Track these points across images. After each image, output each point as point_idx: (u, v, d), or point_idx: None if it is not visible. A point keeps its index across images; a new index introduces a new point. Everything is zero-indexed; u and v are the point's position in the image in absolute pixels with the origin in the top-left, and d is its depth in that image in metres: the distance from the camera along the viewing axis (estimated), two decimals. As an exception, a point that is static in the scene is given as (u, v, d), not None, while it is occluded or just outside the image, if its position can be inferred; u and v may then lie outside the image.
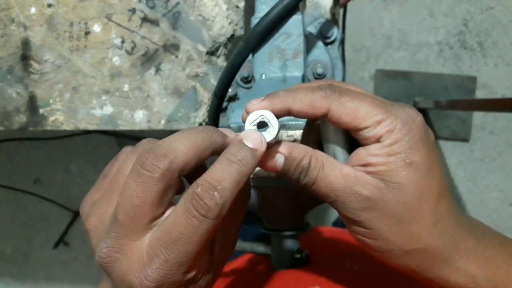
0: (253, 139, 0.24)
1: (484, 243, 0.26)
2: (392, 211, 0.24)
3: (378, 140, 0.24)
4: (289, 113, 0.26)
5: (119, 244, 0.22)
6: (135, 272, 0.22)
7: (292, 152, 0.25)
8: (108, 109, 0.53)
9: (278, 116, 0.25)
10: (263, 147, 0.24)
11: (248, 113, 0.26)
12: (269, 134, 0.25)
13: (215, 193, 0.22)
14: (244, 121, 0.26)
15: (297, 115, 0.26)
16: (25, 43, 0.53)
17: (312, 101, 0.25)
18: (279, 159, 0.25)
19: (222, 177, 0.22)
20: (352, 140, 0.27)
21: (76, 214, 1.45)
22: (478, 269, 0.25)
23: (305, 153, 0.25)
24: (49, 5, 0.52)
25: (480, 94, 1.33)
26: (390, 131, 0.24)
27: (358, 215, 0.25)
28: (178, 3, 0.51)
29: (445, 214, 0.25)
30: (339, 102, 0.25)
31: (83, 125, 0.53)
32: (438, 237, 0.25)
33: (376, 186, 0.24)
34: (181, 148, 0.23)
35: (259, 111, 0.25)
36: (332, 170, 0.25)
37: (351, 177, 0.25)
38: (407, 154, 0.24)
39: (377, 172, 0.24)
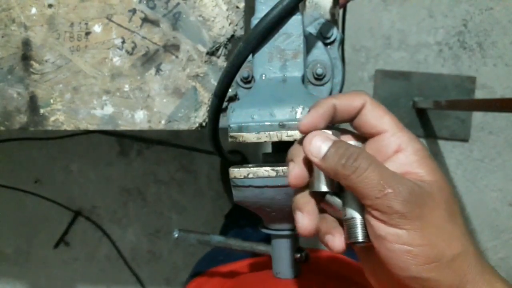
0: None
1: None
2: (439, 209, 0.24)
3: (399, 149, 0.26)
4: (334, 110, 0.27)
5: None
6: None
7: (338, 141, 0.26)
8: (109, 109, 0.53)
9: (325, 118, 0.27)
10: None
11: (305, 132, 0.27)
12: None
13: None
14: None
15: (340, 110, 0.27)
16: (26, 43, 0.53)
17: (351, 95, 0.27)
18: (326, 141, 0.26)
19: None
20: None
21: (76, 214, 1.46)
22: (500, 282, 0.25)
23: (352, 145, 0.26)
24: (50, 6, 0.53)
25: (479, 94, 1.33)
26: (410, 141, 0.26)
27: (411, 209, 0.24)
28: (178, 4, 0.51)
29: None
30: (373, 100, 0.27)
31: (84, 125, 0.54)
32: (472, 242, 0.25)
33: (423, 184, 0.25)
34: None
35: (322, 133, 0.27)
36: (380, 162, 0.25)
37: (398, 173, 0.25)
38: (432, 159, 0.26)
39: (415, 174, 0.25)
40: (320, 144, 0.26)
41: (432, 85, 1.33)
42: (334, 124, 0.29)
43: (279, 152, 0.38)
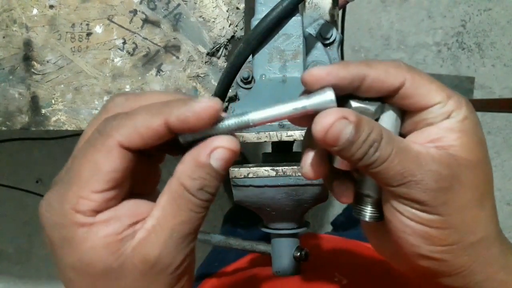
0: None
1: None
2: (466, 194, 0.22)
3: (447, 117, 0.23)
4: (363, 81, 0.22)
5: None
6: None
7: (361, 121, 0.21)
8: (110, 109, 0.53)
9: (347, 87, 0.22)
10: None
11: (308, 83, 0.23)
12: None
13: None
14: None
15: (372, 85, 0.22)
16: (27, 44, 0.54)
17: (388, 68, 0.23)
18: (346, 129, 0.21)
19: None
20: None
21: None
22: None
23: (374, 124, 0.22)
24: (51, 6, 0.53)
25: (478, 94, 1.34)
26: (458, 107, 0.23)
27: (434, 197, 0.22)
28: (179, 5, 0.52)
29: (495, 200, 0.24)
30: (414, 75, 0.23)
31: (85, 125, 0.54)
32: (496, 225, 0.24)
33: (453, 163, 0.22)
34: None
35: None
36: (404, 145, 0.22)
37: (424, 153, 0.22)
38: (477, 130, 0.23)
39: (449, 147, 0.23)
40: (339, 130, 0.21)
41: (431, 85, 1.34)
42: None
43: (279, 152, 0.39)
